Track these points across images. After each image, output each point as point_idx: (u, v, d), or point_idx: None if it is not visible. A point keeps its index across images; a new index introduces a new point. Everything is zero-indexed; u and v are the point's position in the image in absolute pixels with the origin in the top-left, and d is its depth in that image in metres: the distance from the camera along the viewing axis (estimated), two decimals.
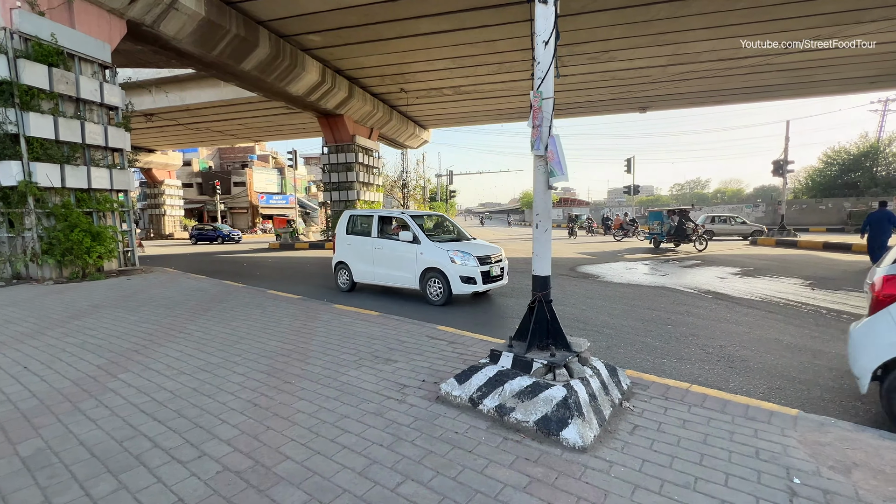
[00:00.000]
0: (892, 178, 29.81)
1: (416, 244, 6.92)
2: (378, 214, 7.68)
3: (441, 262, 6.61)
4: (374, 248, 7.52)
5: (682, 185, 68.71)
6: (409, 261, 6.98)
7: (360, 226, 8.00)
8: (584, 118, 23.23)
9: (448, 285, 6.57)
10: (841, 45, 13.27)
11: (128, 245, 10.33)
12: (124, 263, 10.28)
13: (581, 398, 2.50)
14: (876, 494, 1.90)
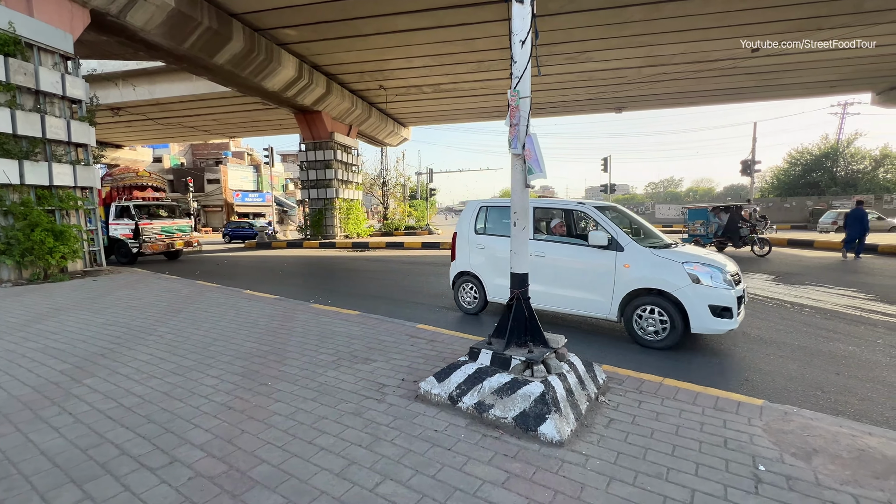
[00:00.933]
0: (850, 177, 31.41)
1: (612, 251, 4.60)
2: (538, 206, 5.40)
3: (669, 282, 4.24)
4: (530, 255, 4.93)
5: (657, 183, 70.69)
6: (601, 276, 4.69)
7: (500, 222, 5.73)
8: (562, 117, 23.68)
9: (680, 318, 4.18)
10: (810, 45, 13.87)
11: (94, 244, 9.90)
12: (90, 264, 9.85)
13: (558, 394, 2.54)
14: (834, 479, 2.00)
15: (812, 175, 32.47)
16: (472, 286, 5.91)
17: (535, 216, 5.28)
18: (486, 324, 5.48)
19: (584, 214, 5.17)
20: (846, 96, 29.27)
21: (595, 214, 4.88)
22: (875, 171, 31.30)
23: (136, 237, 12.81)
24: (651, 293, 4.41)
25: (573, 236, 5.31)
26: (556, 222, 5.58)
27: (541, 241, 5.20)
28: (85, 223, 9.59)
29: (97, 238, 9.91)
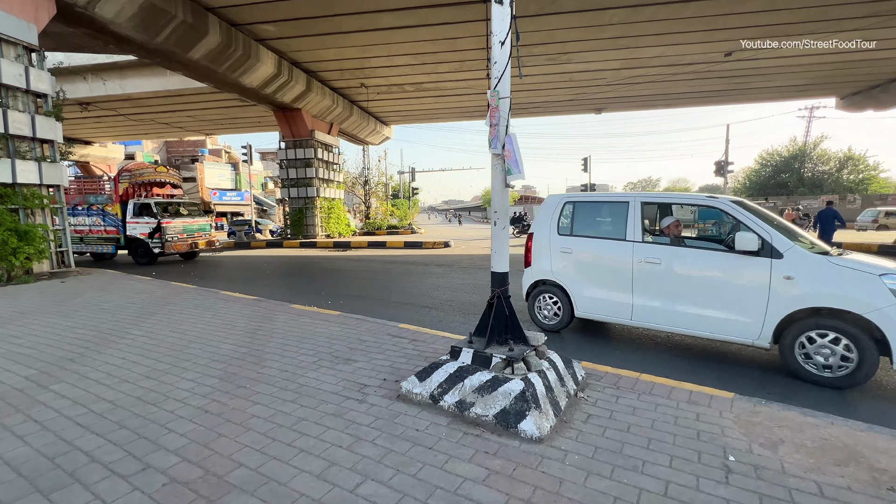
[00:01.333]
0: (816, 178, 32.73)
1: (765, 258, 3.63)
2: (649, 201, 4.52)
3: (860, 300, 3.24)
4: (639, 261, 4.23)
5: (635, 183, 72.33)
6: (748, 290, 3.70)
7: (592, 220, 4.80)
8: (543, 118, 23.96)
9: (875, 348, 3.20)
10: (779, 49, 14.40)
11: (61, 244, 9.51)
12: (58, 265, 9.46)
13: (538, 391, 2.58)
14: (798, 467, 2.09)
15: (781, 176, 33.74)
16: (553, 298, 4.95)
17: (641, 213, 4.38)
18: (469, 323, 5.49)
19: (719, 211, 4.13)
20: (813, 100, 30.44)
21: (737, 212, 3.89)
22: (839, 172, 32.71)
23: (158, 236, 12.25)
24: (822, 314, 3.42)
25: (704, 239, 4.44)
26: (669, 221, 4.56)
27: (656, 244, 4.24)
28: (52, 222, 9.21)
29: (65, 238, 9.53)
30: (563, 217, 4.97)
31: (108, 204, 12.58)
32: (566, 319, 4.87)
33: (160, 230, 12.21)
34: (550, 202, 5.11)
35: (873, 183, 32.12)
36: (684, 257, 4.11)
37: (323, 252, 16.17)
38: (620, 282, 4.38)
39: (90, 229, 12.85)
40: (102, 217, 12.62)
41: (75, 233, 12.61)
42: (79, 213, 12.81)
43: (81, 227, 12.89)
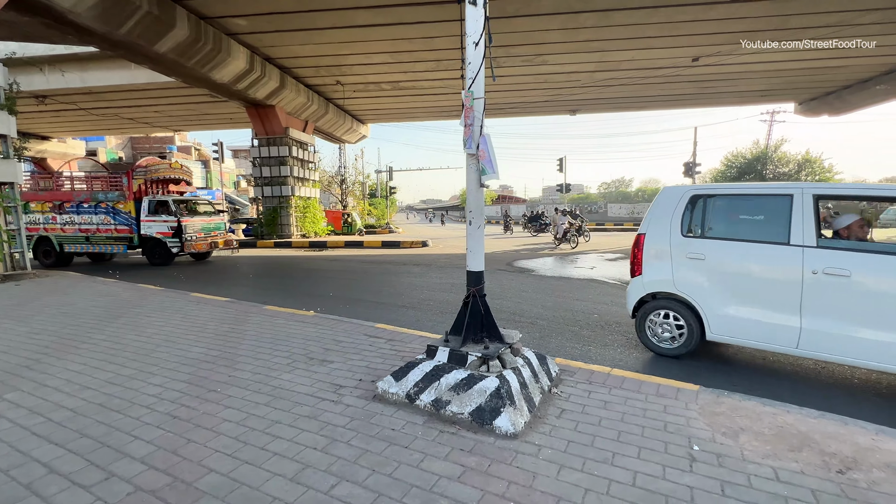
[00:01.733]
0: (777, 179, 34.31)
1: None
2: (821, 192, 3.47)
3: None
4: (814, 272, 3.29)
5: (609, 183, 74.06)
6: None
7: (734, 218, 3.86)
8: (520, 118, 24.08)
9: None
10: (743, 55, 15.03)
11: (15, 245, 8.99)
12: (11, 267, 8.95)
13: (513, 387, 2.62)
14: (757, 454, 2.20)
15: (746, 177, 35.18)
16: (673, 315, 4.00)
17: (814, 209, 3.39)
18: (447, 322, 5.50)
19: None
20: (774, 105, 31.91)
21: None
22: (798, 173, 34.41)
23: (177, 235, 11.52)
24: None
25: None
26: (850, 220, 3.66)
27: (841, 250, 3.27)
28: (5, 222, 8.70)
29: (20, 238, 9.02)
30: (691, 215, 3.99)
31: (120, 201, 11.70)
32: (692, 342, 3.90)
33: (180, 229, 11.51)
34: (670, 195, 4.12)
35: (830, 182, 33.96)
36: (887, 269, 3.07)
37: (298, 252, 15.89)
38: (782, 298, 3.42)
39: (97, 228, 11.85)
40: (113, 215, 11.73)
41: (80, 232, 11.85)
42: (84, 211, 11.79)
43: (88, 227, 11.87)
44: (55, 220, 11.63)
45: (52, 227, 11.76)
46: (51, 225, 11.75)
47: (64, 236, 11.86)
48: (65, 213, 11.72)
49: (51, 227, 11.72)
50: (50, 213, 11.64)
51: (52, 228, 11.75)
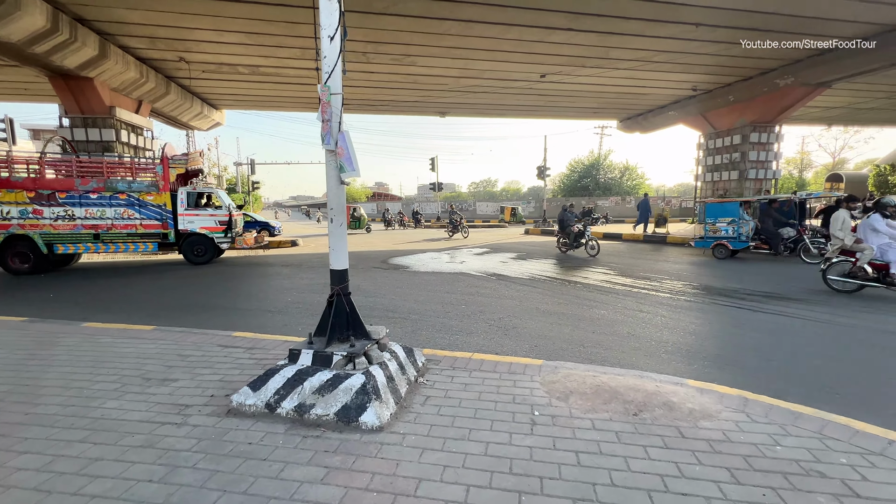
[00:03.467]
0: (607, 183, 41.35)
1: None
2: None
3: None
4: None
5: (478, 183, 79.87)
6: None
7: None
8: (394, 116, 24.20)
9: None
10: (578, 77, 17.62)
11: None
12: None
13: (379, 382, 2.67)
14: (580, 410, 2.66)
15: (585, 180, 41.57)
16: None
17: None
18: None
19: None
20: (603, 121, 38.30)
21: None
22: (621, 179, 42.03)
23: (228, 231, 10.72)
24: None
25: None
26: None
27: None
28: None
29: None
30: None
31: (149, 192, 9.98)
32: None
33: (230, 224, 10.74)
34: None
35: (643, 188, 42.30)
36: None
37: (134, 256, 13.35)
38: None
39: (112, 224, 9.91)
40: (138, 208, 9.95)
41: (85, 228, 9.79)
42: (92, 203, 9.68)
43: (98, 222, 9.82)
44: (39, 215, 9.40)
45: (33, 224, 9.37)
46: (32, 221, 9.36)
47: (56, 234, 9.61)
48: (56, 206, 9.48)
49: (32, 223, 9.36)
50: (29, 204, 9.31)
51: (36, 225, 9.39)
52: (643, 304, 6.09)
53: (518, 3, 11.38)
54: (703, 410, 2.60)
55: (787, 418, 2.52)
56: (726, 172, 20.53)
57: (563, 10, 11.81)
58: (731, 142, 19.98)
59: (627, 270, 9.18)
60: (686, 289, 7.17)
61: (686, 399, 2.73)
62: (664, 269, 9.43)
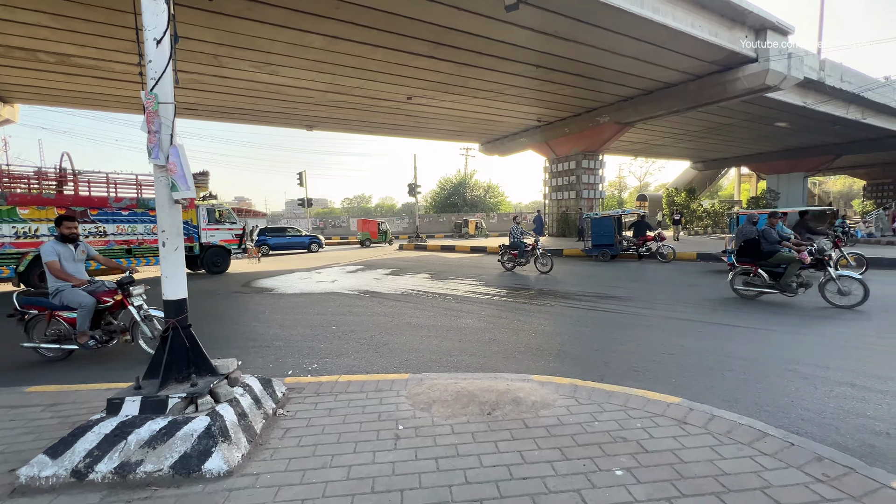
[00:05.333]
0: (474, 200, 44.71)
1: None
2: None
3: None
4: None
5: (351, 199, 78.26)
6: None
7: None
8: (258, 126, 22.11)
9: None
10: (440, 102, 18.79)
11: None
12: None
13: (228, 421, 2.41)
14: (442, 417, 2.82)
15: (454, 198, 44.25)
16: None
17: None
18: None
19: None
20: (467, 143, 41.53)
21: None
22: (485, 196, 45.94)
23: (241, 242, 12.36)
24: None
25: None
26: None
27: None
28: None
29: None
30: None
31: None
32: None
33: (243, 235, 12.40)
34: None
35: (503, 205, 46.91)
36: None
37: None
38: None
39: (143, 239, 10.52)
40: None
41: (118, 244, 10.13)
42: (122, 219, 10.04)
43: (131, 237, 10.32)
44: None
45: None
46: None
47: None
48: (88, 223, 9.55)
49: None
50: None
51: None
52: (503, 311, 6.73)
53: (381, 25, 11.75)
54: (543, 401, 3.00)
55: (604, 397, 3.06)
56: (566, 192, 24.10)
57: (425, 38, 12.58)
58: (569, 167, 23.59)
59: (492, 281, 10.04)
60: (539, 295, 8.16)
61: (531, 393, 3.11)
62: (522, 279, 10.58)
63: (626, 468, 2.19)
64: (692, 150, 34.03)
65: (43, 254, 4.24)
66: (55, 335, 4.50)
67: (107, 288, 4.55)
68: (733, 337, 4.99)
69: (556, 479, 2.12)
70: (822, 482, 2.03)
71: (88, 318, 4.32)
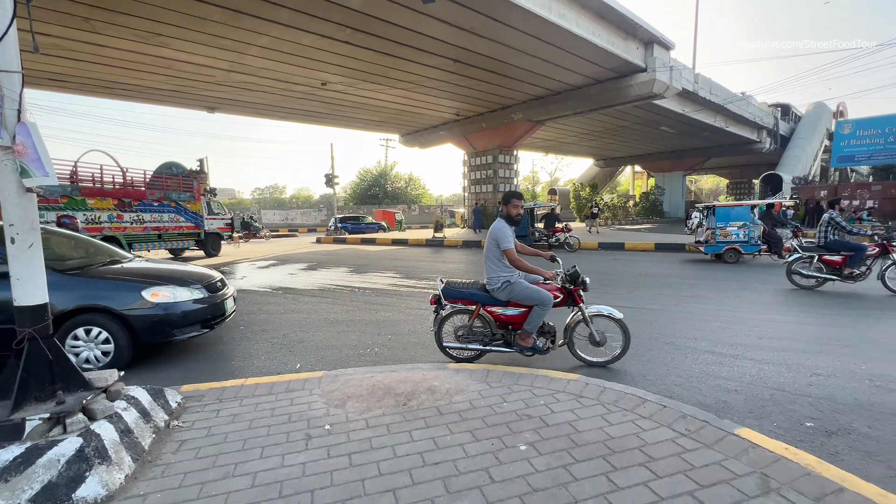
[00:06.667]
0: (395, 192, 44.29)
1: None
2: None
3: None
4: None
5: (263, 189, 72.60)
6: None
7: None
8: (148, 105, 19.26)
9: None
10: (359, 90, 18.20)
11: None
12: None
13: (106, 441, 2.13)
14: (356, 412, 2.79)
15: (374, 189, 43.42)
16: None
17: None
18: None
19: None
20: (388, 134, 40.89)
21: None
22: (407, 188, 45.77)
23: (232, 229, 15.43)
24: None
25: None
26: None
27: None
28: None
29: None
30: None
31: (188, 201, 13.14)
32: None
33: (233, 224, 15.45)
34: None
35: (425, 197, 47.14)
36: None
37: None
38: None
39: (168, 226, 12.77)
40: (182, 213, 12.92)
41: (153, 231, 12.36)
42: (154, 209, 12.25)
43: (160, 224, 12.58)
44: (121, 219, 11.22)
45: (117, 227, 11.14)
46: (116, 224, 11.12)
47: (134, 235, 11.70)
48: (131, 212, 11.34)
49: (116, 226, 11.10)
50: (115, 210, 11.07)
51: (119, 228, 11.14)
52: (423, 303, 6.79)
53: (292, 5, 11.02)
54: (457, 387, 3.11)
55: (513, 379, 3.27)
56: (484, 186, 24.97)
57: (342, 23, 12.07)
58: (487, 161, 24.44)
59: (412, 273, 10.08)
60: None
61: (445, 381, 3.21)
62: (442, 269, 10.77)
63: (530, 443, 2.37)
64: (595, 149, 37.31)
65: (501, 238, 3.55)
66: (479, 335, 3.83)
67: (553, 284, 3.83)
68: (625, 317, 5.62)
69: (467, 461, 2.22)
70: (685, 436, 2.40)
71: (544, 317, 3.63)
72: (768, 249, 10.43)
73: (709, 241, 10.88)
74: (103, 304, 3.80)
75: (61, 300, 3.64)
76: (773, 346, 4.32)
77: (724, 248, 10.63)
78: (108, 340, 3.83)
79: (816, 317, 5.46)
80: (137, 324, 3.88)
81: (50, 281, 3.01)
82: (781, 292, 7.01)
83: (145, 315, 3.91)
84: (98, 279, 4.02)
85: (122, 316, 3.84)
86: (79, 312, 3.75)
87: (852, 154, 23.80)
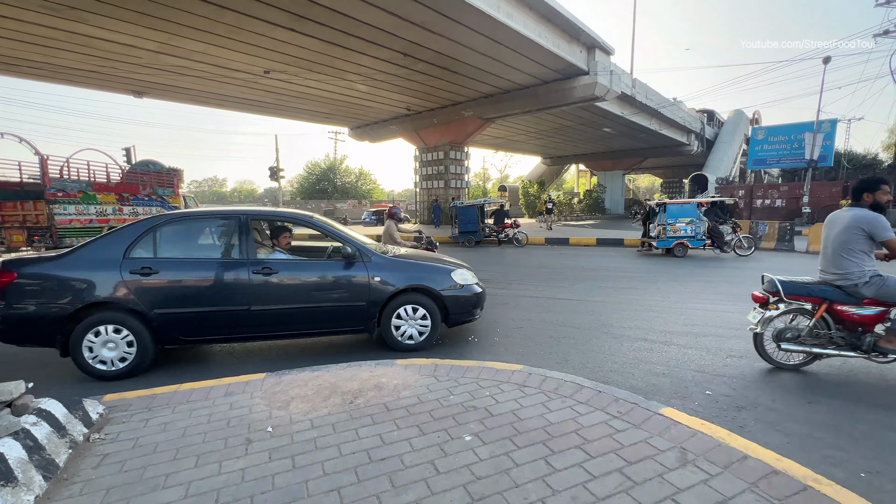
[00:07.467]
0: (345, 187, 43.19)
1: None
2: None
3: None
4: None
5: (201, 182, 67.83)
6: None
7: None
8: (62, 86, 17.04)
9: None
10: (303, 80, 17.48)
11: None
12: None
13: (11, 460, 1.92)
14: (301, 413, 2.71)
15: (323, 183, 42.07)
16: None
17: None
18: None
19: None
20: (337, 127, 39.71)
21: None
22: (357, 183, 44.79)
23: None
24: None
25: None
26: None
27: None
28: None
29: None
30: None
31: (172, 196, 12.55)
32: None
33: None
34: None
35: (376, 192, 46.38)
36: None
37: None
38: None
39: None
40: (166, 208, 12.27)
41: None
42: (145, 203, 11.87)
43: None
44: (122, 212, 11.41)
45: (120, 219, 11.26)
46: (118, 216, 11.31)
47: None
48: (128, 205, 11.63)
49: (119, 218, 11.28)
50: (117, 204, 11.25)
51: (121, 220, 11.24)
52: None
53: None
54: (405, 383, 3.12)
55: (461, 372, 3.33)
56: (436, 181, 25.02)
57: (284, 8, 11.53)
58: (438, 157, 24.49)
59: None
60: None
61: (393, 377, 3.21)
62: None
63: (474, 433, 2.44)
64: (542, 147, 38.59)
65: (879, 227, 3.16)
66: (821, 336, 3.48)
67: None
68: (567, 309, 5.91)
69: (413, 455, 2.24)
70: (617, 418, 2.58)
71: None
72: (712, 244, 11.24)
73: (660, 236, 11.57)
74: (425, 285, 4.17)
75: (395, 280, 4.10)
76: (696, 332, 4.74)
77: (673, 243, 11.33)
78: (424, 317, 4.17)
79: (733, 304, 6.05)
80: (450, 303, 4.24)
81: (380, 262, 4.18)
82: (707, 283, 7.70)
83: (454, 295, 4.28)
84: (415, 262, 4.41)
85: (438, 296, 4.20)
86: (408, 292, 4.13)
87: (765, 158, 26.47)
